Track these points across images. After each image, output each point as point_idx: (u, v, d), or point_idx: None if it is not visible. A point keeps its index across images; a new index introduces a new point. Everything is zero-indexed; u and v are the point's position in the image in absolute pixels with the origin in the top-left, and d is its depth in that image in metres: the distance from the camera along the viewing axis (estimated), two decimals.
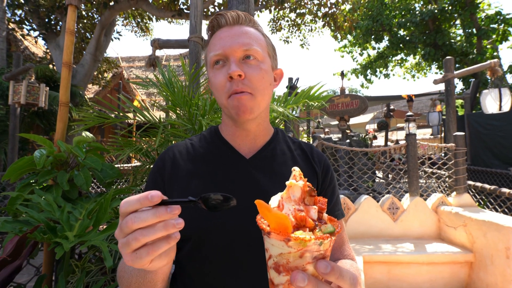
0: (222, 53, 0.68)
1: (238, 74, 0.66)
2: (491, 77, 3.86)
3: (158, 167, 0.75)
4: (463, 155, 3.01)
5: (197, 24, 2.63)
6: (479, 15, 10.40)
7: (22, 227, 1.05)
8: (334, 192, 0.81)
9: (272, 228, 0.40)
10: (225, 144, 0.77)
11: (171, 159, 0.74)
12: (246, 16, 0.73)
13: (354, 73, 14.88)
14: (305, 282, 0.37)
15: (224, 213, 0.67)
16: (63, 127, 1.60)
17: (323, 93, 2.01)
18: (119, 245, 0.43)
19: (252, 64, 0.69)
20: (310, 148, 0.83)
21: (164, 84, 1.80)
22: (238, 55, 0.68)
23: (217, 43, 0.70)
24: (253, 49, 0.69)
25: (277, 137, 0.81)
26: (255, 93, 0.69)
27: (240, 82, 0.67)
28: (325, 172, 0.80)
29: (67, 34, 1.67)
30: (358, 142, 6.28)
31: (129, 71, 15.22)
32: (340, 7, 8.60)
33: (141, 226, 0.41)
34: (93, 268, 1.25)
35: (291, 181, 0.46)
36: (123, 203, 0.43)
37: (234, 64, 0.67)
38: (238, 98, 0.67)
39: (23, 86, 4.23)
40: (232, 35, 0.69)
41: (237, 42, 0.68)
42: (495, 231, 2.33)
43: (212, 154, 0.76)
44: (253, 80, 0.68)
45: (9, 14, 7.17)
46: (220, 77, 0.69)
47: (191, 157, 0.75)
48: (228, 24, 0.72)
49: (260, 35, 0.74)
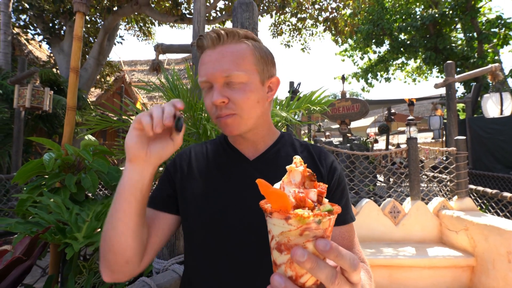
0: (206, 79, 0.70)
1: (221, 101, 0.69)
2: (492, 81, 3.88)
3: (175, 160, 0.81)
4: (465, 159, 3.02)
5: (200, 29, 2.68)
6: (480, 19, 10.44)
7: (32, 228, 1.07)
8: (343, 195, 0.78)
9: (273, 208, 0.42)
10: (231, 148, 0.80)
11: (189, 157, 0.81)
12: (229, 33, 0.70)
13: (355, 77, 14.92)
14: (304, 257, 0.38)
15: (226, 212, 0.71)
16: (70, 130, 1.64)
17: (325, 98, 2.04)
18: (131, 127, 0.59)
19: (235, 88, 0.69)
20: (319, 150, 0.83)
21: (168, 88, 1.83)
22: (220, 81, 0.69)
23: (201, 69, 0.72)
24: (233, 74, 0.68)
25: (282, 140, 0.82)
26: (241, 113, 0.70)
27: (224, 108, 0.69)
28: (332, 173, 0.78)
29: (74, 40, 1.71)
30: (359, 145, 6.30)
31: (131, 75, 15.32)
32: (341, 12, 8.67)
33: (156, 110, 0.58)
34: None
35: (291, 166, 0.48)
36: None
37: (217, 92, 0.69)
38: (224, 122, 0.70)
39: (28, 89, 4.28)
40: (214, 61, 0.69)
41: (218, 69, 0.68)
42: (497, 235, 2.33)
43: (221, 158, 0.80)
44: (238, 102, 0.69)
45: (14, 18, 7.26)
46: (207, 101, 0.72)
47: (205, 159, 0.81)
48: (209, 47, 0.71)
49: (245, 52, 0.71)
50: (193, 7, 2.66)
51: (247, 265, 0.68)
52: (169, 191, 0.77)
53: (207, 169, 0.78)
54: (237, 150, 0.79)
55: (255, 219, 0.66)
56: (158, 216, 0.74)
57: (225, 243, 0.70)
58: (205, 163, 0.79)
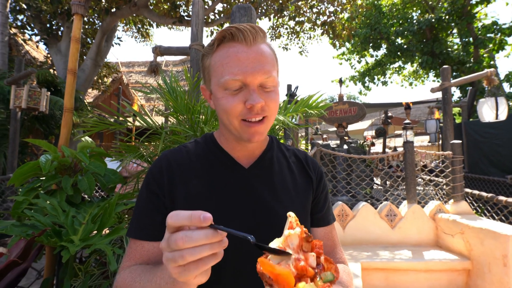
0: (242, 79, 0.64)
1: (262, 104, 0.64)
2: (488, 86, 3.92)
3: (155, 177, 0.71)
4: (460, 163, 3.05)
5: (198, 31, 2.69)
6: (476, 24, 10.57)
7: (27, 230, 1.06)
8: (326, 198, 0.84)
9: (275, 281, 0.42)
10: (222, 153, 0.76)
11: (168, 168, 0.72)
12: (262, 32, 0.67)
13: (352, 80, 15.01)
14: None
15: (225, 220, 0.69)
16: (67, 132, 1.63)
17: (322, 102, 2.05)
18: (164, 258, 0.46)
19: (270, 91, 0.67)
20: (305, 155, 0.85)
21: (166, 91, 1.83)
22: (258, 83, 0.65)
23: (234, 65, 0.64)
24: (272, 76, 0.66)
25: (272, 145, 0.82)
26: (270, 117, 0.69)
27: (259, 109, 0.65)
28: (319, 179, 0.83)
29: (72, 42, 1.71)
30: (356, 148, 6.32)
31: (129, 76, 15.28)
32: (339, 16, 8.74)
33: (190, 246, 0.43)
34: (95, 272, 1.27)
35: (288, 231, 0.48)
36: (172, 215, 0.45)
37: (256, 95, 0.64)
38: (256, 128, 0.66)
39: (24, 90, 4.25)
40: (253, 59, 0.64)
41: (259, 70, 0.64)
42: (492, 239, 2.35)
43: (210, 163, 0.75)
44: (271, 106, 0.67)
45: (11, 19, 7.23)
46: (234, 102, 0.65)
47: (189, 165, 0.74)
48: (246, 42, 0.65)
49: (272, 54, 0.70)
50: (192, 10, 2.67)
51: (247, 276, 0.67)
52: (160, 217, 0.68)
53: (197, 179, 0.72)
54: (230, 156, 0.75)
55: (252, 229, 0.65)
56: (157, 247, 0.67)
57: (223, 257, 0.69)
58: (193, 172, 0.72)
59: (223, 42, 0.67)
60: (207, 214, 0.44)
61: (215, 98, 0.70)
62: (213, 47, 0.68)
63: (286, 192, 0.76)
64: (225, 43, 0.67)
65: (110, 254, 0.96)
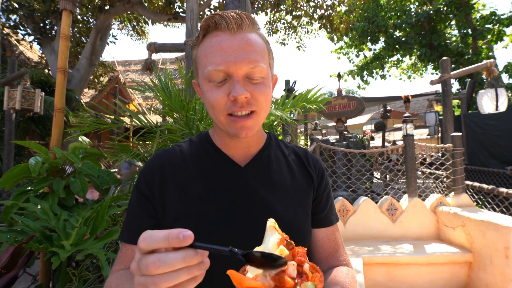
0: (225, 69, 0.59)
1: (246, 96, 0.59)
2: (487, 77, 3.89)
3: (146, 178, 0.68)
4: (461, 155, 3.02)
5: (193, 27, 2.63)
6: (474, 15, 10.49)
7: (17, 236, 1.03)
8: (329, 197, 0.80)
9: None
10: (217, 152, 0.72)
11: (160, 168, 0.69)
12: (249, 19, 0.62)
13: (351, 74, 14.95)
14: None
15: (222, 221, 0.67)
16: (58, 133, 1.59)
17: (321, 96, 2.01)
18: (135, 281, 0.39)
19: (257, 83, 0.62)
20: (305, 152, 0.81)
21: (160, 89, 1.79)
22: (242, 73, 0.60)
23: (215, 55, 0.60)
24: (259, 66, 0.61)
25: (270, 142, 0.78)
26: (259, 111, 0.64)
27: (244, 102, 0.61)
28: (321, 177, 0.79)
29: (61, 39, 1.66)
30: (356, 143, 6.29)
31: (125, 75, 15.19)
32: (336, 9, 8.65)
33: (164, 272, 0.37)
34: (90, 276, 1.23)
35: (268, 238, 0.45)
36: (145, 238, 0.38)
37: (240, 86, 0.59)
38: (242, 124, 0.62)
39: (18, 91, 4.19)
40: (236, 48, 0.59)
41: (243, 59, 0.59)
42: (494, 231, 2.33)
43: (205, 162, 0.71)
44: (259, 99, 0.62)
45: (4, 19, 7.14)
46: (218, 95, 0.61)
47: (183, 165, 0.70)
48: (229, 30, 0.60)
49: (263, 43, 0.65)
50: (186, 5, 2.61)
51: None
52: (151, 220, 0.66)
53: (191, 179, 0.68)
54: (225, 155, 0.72)
55: (249, 230, 0.64)
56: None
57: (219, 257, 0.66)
58: (187, 172, 0.69)
59: (208, 32, 0.63)
60: (186, 232, 0.37)
61: (202, 92, 0.66)
62: (199, 38, 0.65)
63: (284, 191, 0.72)
64: (210, 33, 0.63)
65: (103, 259, 0.93)
